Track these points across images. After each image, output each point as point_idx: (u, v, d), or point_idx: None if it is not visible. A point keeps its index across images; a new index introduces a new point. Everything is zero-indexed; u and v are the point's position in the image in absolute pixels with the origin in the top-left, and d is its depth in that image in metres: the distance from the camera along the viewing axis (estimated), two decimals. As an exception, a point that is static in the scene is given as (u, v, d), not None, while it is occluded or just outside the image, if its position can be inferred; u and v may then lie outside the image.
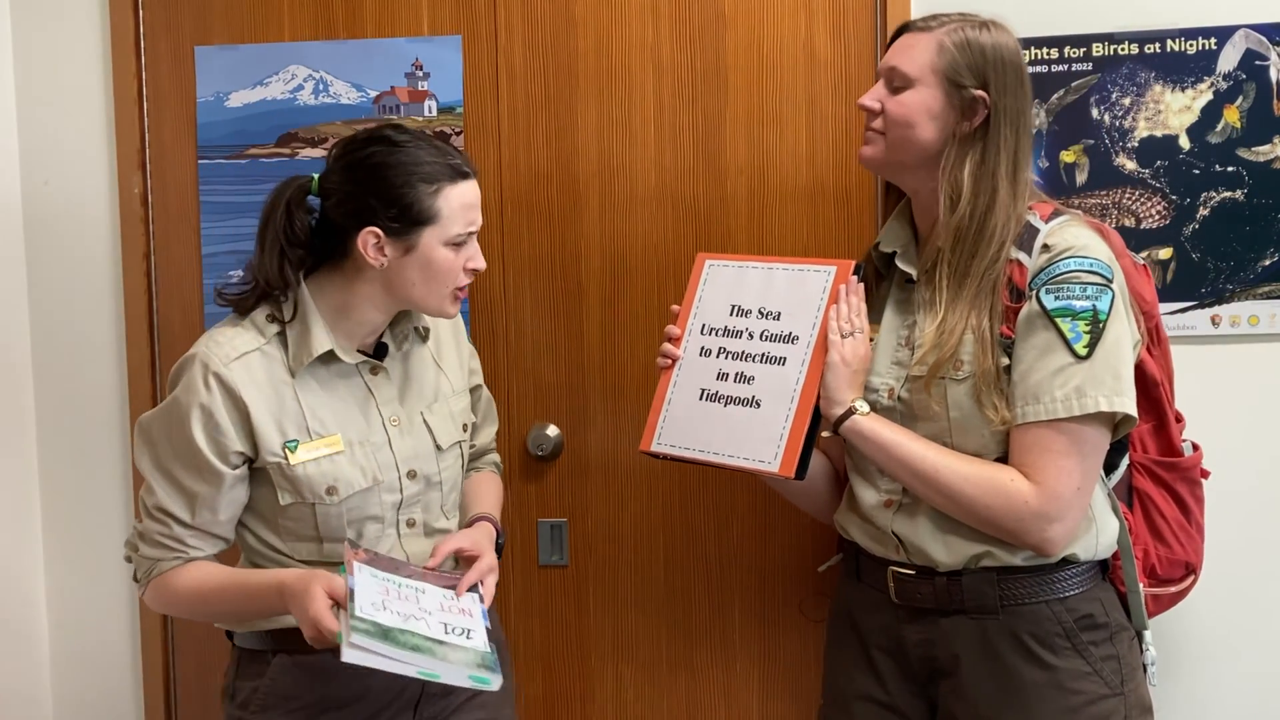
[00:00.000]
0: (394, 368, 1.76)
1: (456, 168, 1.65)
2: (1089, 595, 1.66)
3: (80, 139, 2.30)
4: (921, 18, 1.73)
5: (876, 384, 1.73)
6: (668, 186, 2.20)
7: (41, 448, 2.35)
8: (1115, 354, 1.58)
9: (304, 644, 1.63)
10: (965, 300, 1.63)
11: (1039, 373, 1.58)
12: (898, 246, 1.77)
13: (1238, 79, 2.04)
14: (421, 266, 1.64)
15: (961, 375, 1.63)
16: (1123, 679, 1.65)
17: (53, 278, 2.32)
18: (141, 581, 1.71)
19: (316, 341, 1.66)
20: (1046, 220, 1.65)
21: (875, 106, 1.72)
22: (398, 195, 1.61)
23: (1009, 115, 1.66)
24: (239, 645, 1.75)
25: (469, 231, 1.66)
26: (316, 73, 2.25)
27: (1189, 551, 1.79)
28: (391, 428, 1.72)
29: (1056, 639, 1.64)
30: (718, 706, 2.27)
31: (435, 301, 1.68)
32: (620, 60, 2.20)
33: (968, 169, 1.65)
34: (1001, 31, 1.69)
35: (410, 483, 1.72)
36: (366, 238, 1.62)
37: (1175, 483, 1.77)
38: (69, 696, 2.38)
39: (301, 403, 1.66)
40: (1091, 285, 1.58)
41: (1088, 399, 1.56)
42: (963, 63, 1.66)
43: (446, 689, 1.72)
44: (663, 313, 2.21)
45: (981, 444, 1.64)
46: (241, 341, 1.65)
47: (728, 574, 2.24)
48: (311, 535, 1.68)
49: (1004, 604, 1.65)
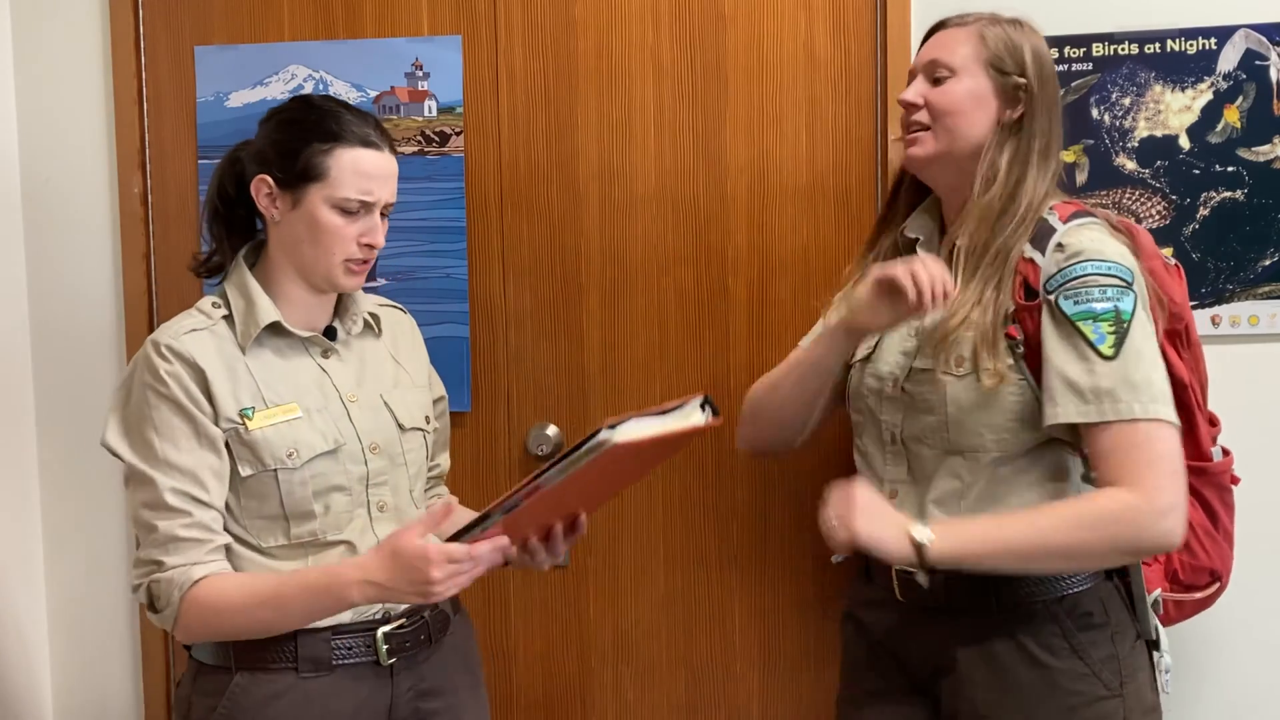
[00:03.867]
0: (348, 354, 1.74)
1: (362, 135, 1.64)
2: (1089, 594, 1.65)
3: (80, 139, 2.30)
4: (953, 16, 1.74)
5: (884, 373, 1.73)
6: (668, 186, 2.20)
7: (41, 448, 2.35)
8: (1145, 354, 1.57)
9: (267, 662, 1.62)
10: (980, 277, 1.64)
11: (1066, 374, 1.57)
12: (922, 234, 1.77)
13: (1238, 79, 2.04)
14: (308, 224, 1.64)
15: (962, 372, 1.63)
16: (1122, 680, 1.64)
17: (53, 277, 2.32)
18: (173, 604, 1.57)
19: (263, 313, 1.66)
20: (1065, 220, 1.65)
21: (919, 100, 1.70)
22: (291, 147, 1.63)
23: (1045, 104, 1.68)
24: (196, 658, 1.68)
25: (361, 200, 1.63)
26: (316, 73, 2.25)
27: (1214, 558, 1.78)
28: (349, 403, 1.70)
29: (1054, 639, 1.63)
30: (718, 706, 2.27)
31: (324, 268, 1.66)
32: (620, 60, 2.20)
33: (1006, 154, 1.66)
34: (1031, 29, 1.72)
35: (374, 457, 1.69)
36: (259, 185, 1.65)
37: (1203, 488, 1.75)
38: (69, 696, 2.38)
39: (255, 375, 1.65)
40: (1111, 288, 1.57)
41: (1121, 404, 1.54)
42: (1005, 52, 1.67)
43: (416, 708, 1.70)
44: (663, 313, 2.22)
45: (977, 441, 1.64)
46: (189, 322, 1.66)
47: (728, 574, 2.24)
48: (276, 512, 1.63)
49: (1001, 604, 1.64)
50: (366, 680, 1.67)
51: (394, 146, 1.70)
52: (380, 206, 1.67)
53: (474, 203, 2.24)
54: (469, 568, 1.47)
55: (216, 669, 1.65)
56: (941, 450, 1.67)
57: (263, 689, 1.63)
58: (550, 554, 1.63)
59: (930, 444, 1.68)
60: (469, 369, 2.25)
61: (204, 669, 1.67)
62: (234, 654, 1.63)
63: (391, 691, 1.68)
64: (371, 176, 1.64)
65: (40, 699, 2.37)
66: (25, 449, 2.33)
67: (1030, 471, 1.65)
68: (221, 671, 1.65)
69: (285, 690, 1.63)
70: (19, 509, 2.32)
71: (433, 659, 1.73)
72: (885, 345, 1.75)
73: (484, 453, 2.27)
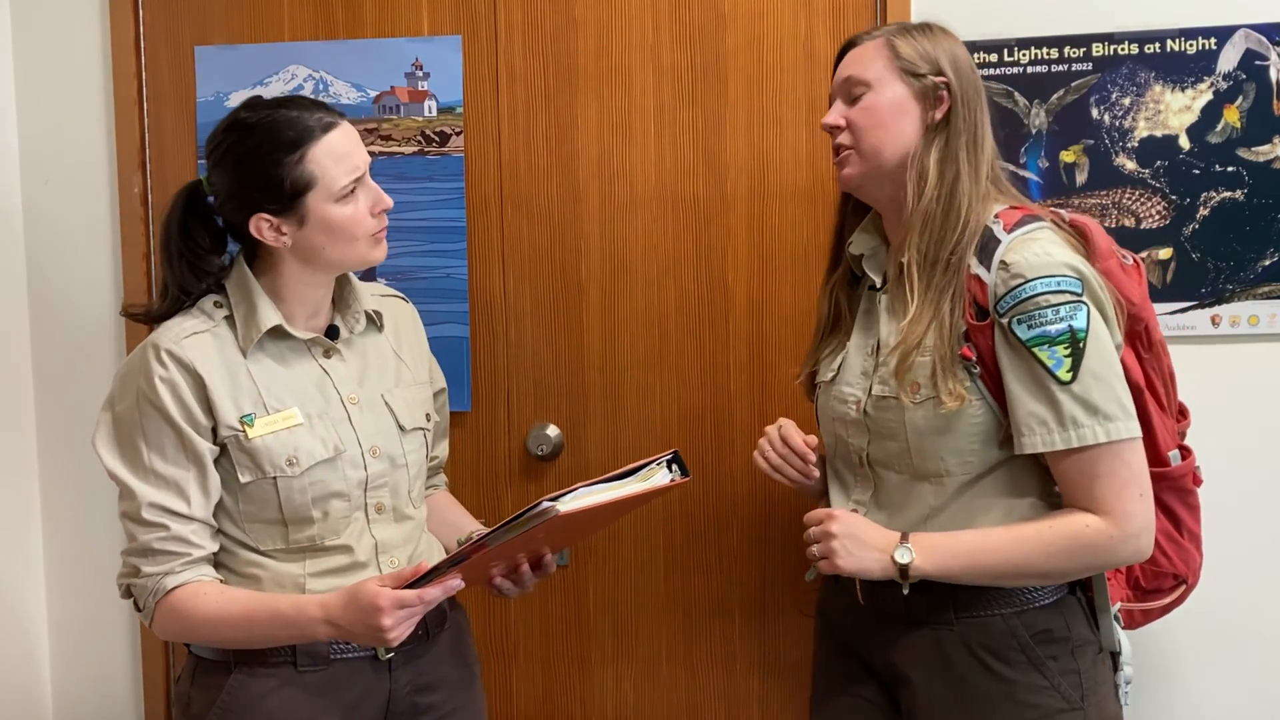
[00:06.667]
0: (350, 353, 1.73)
1: (317, 122, 1.60)
2: (1049, 609, 1.63)
3: (80, 139, 2.30)
4: (861, 33, 1.73)
5: (847, 394, 1.73)
6: (668, 186, 2.20)
7: (41, 448, 2.35)
8: (1102, 371, 1.56)
9: (265, 657, 1.62)
10: (934, 289, 1.62)
11: (1029, 404, 1.56)
12: (866, 250, 1.76)
13: (1238, 79, 2.04)
14: (323, 230, 1.62)
15: (919, 398, 1.61)
16: (1084, 694, 1.61)
17: (53, 278, 2.32)
18: (148, 607, 1.61)
19: (264, 317, 1.64)
20: (1010, 229, 1.61)
21: (839, 122, 1.69)
22: (267, 176, 1.59)
23: (966, 98, 1.65)
24: (195, 654, 1.69)
25: (354, 178, 1.62)
26: (316, 73, 2.25)
27: (1177, 563, 1.76)
28: (350, 406, 1.69)
29: (1011, 652, 1.62)
30: (718, 706, 2.27)
31: (353, 256, 1.66)
32: (620, 60, 2.20)
33: (934, 154, 1.64)
34: (946, 32, 1.71)
35: (374, 460, 1.69)
36: (259, 225, 1.62)
37: (1163, 493, 1.71)
38: (69, 696, 2.38)
39: (256, 381, 1.64)
40: (1063, 305, 1.55)
41: (1084, 429, 1.54)
42: (917, 56, 1.66)
43: (414, 702, 1.71)
44: (663, 313, 2.22)
45: (940, 466, 1.63)
46: (190, 324, 1.64)
47: (728, 574, 2.24)
48: (275, 518, 1.64)
49: (958, 615, 1.63)
50: (364, 675, 1.67)
51: (339, 110, 1.66)
52: (367, 170, 1.65)
53: (474, 203, 2.24)
54: (419, 610, 1.52)
55: (215, 664, 1.66)
56: (909, 476, 1.67)
57: (260, 684, 1.64)
58: (518, 585, 1.70)
59: (897, 469, 1.68)
60: (469, 368, 2.25)
61: (202, 664, 1.68)
62: (232, 650, 1.64)
63: (389, 686, 1.69)
64: (349, 154, 1.62)
65: (40, 695, 2.37)
66: (25, 449, 2.33)
67: (997, 487, 1.64)
68: (220, 667, 1.65)
69: (283, 685, 1.63)
70: (19, 509, 2.32)
71: (430, 654, 1.74)
72: (847, 365, 1.75)
73: (484, 453, 2.27)
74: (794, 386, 2.20)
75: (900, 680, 1.69)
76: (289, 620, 1.57)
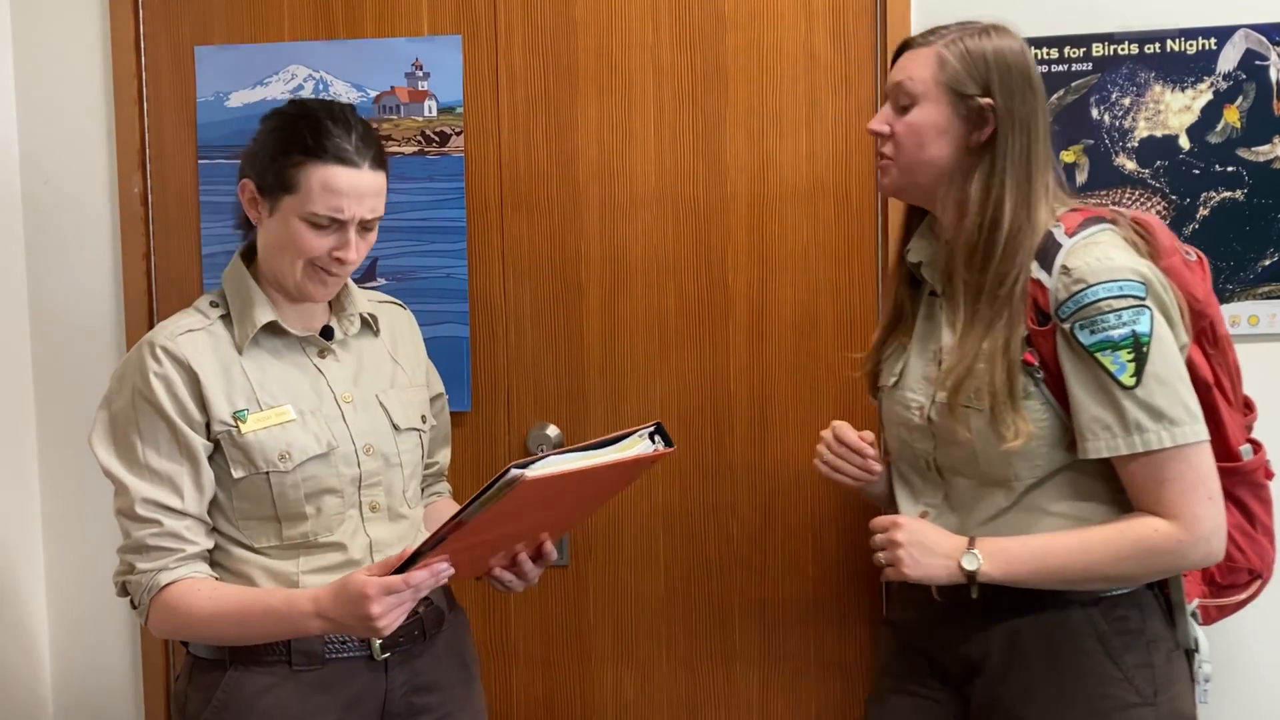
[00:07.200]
0: (345, 354, 1.75)
1: (338, 152, 1.61)
2: (1126, 600, 1.63)
3: (80, 139, 2.30)
4: (920, 33, 1.69)
5: (910, 400, 1.72)
6: (668, 187, 2.20)
7: (41, 447, 2.35)
8: (1166, 375, 1.54)
9: (261, 656, 1.63)
10: (983, 321, 1.60)
11: (1093, 409, 1.55)
12: (924, 257, 1.74)
13: (1238, 79, 2.04)
14: (279, 232, 1.64)
15: (983, 405, 1.60)
16: (1156, 689, 1.61)
17: (53, 277, 2.32)
18: (143, 604, 1.62)
19: (259, 313, 1.67)
20: (1072, 233, 1.59)
21: (884, 129, 1.67)
22: (271, 157, 1.64)
23: (1018, 121, 1.61)
24: (193, 653, 1.70)
25: (330, 217, 1.61)
26: (316, 73, 2.25)
27: (1252, 557, 1.75)
28: (344, 404, 1.70)
29: (1087, 641, 1.61)
30: (718, 706, 2.27)
31: (289, 276, 1.66)
32: (620, 61, 2.20)
33: (976, 181, 1.61)
34: (1004, 36, 1.64)
35: (368, 458, 1.69)
36: (244, 188, 1.67)
37: (1235, 487, 1.70)
38: (69, 696, 2.38)
39: (250, 377, 1.65)
40: (1126, 310, 1.53)
41: (1149, 434, 1.53)
42: (964, 72, 1.61)
43: (410, 703, 1.71)
44: (663, 312, 2.22)
45: (1009, 471, 1.62)
46: (186, 322, 1.67)
47: (728, 574, 2.24)
48: (269, 514, 1.65)
49: (1035, 605, 1.62)
50: (360, 674, 1.67)
51: (381, 160, 1.66)
52: (356, 223, 1.64)
53: (474, 203, 2.24)
54: (409, 596, 1.50)
55: (211, 663, 1.67)
56: (978, 481, 1.66)
57: (256, 682, 1.64)
58: (521, 578, 1.69)
59: (966, 475, 1.67)
60: (469, 369, 2.25)
61: (199, 663, 1.68)
62: (228, 649, 1.65)
63: (385, 686, 1.69)
64: (343, 194, 1.61)
65: (40, 694, 2.37)
66: (25, 448, 2.33)
67: (1064, 490, 1.63)
68: (215, 666, 1.66)
69: (278, 684, 1.64)
70: (19, 507, 2.32)
71: (427, 654, 1.74)
72: (909, 370, 1.73)
73: (484, 453, 2.27)
74: (795, 387, 2.21)
75: (971, 672, 1.69)
76: (282, 615, 1.57)
